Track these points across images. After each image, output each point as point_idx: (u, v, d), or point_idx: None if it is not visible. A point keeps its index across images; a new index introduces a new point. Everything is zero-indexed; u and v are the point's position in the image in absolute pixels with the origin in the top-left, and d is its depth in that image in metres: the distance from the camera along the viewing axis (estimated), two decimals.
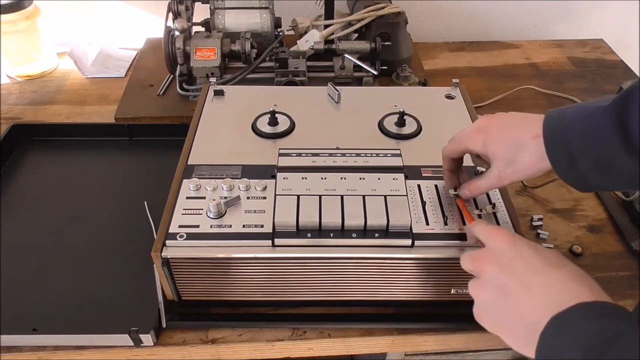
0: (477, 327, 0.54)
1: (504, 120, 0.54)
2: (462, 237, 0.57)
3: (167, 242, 0.57)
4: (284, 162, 0.64)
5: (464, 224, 0.58)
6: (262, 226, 0.58)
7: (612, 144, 0.45)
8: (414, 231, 0.57)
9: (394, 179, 0.62)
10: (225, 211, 0.59)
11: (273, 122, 0.72)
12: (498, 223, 0.59)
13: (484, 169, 0.59)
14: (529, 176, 0.54)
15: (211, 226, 0.58)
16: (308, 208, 0.58)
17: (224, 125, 0.73)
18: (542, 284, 0.42)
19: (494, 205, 0.60)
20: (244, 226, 0.58)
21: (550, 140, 0.49)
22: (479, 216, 0.59)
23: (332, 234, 0.57)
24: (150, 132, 0.89)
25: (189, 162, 0.66)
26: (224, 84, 0.87)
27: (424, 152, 0.69)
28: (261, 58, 0.94)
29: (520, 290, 0.43)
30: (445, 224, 0.59)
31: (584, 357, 0.37)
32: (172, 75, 1.01)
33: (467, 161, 0.61)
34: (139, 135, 0.90)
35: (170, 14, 0.99)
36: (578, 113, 0.48)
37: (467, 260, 0.49)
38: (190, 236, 0.57)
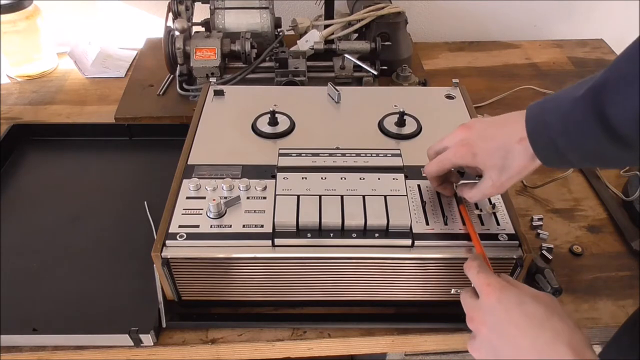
0: None
1: (484, 129, 0.53)
2: (462, 237, 0.57)
3: (167, 242, 0.57)
4: (284, 162, 0.64)
5: (464, 223, 0.58)
6: (262, 226, 0.58)
7: (595, 137, 0.45)
8: (414, 231, 0.57)
9: (394, 179, 0.62)
10: (225, 211, 0.59)
11: (273, 122, 0.72)
12: (498, 223, 0.59)
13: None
14: (525, 176, 0.54)
15: (211, 226, 0.58)
16: (308, 208, 0.58)
17: (224, 125, 0.73)
18: (530, 347, 0.43)
19: (494, 206, 0.60)
20: (244, 226, 0.58)
21: (535, 143, 0.49)
22: (479, 217, 0.59)
23: (332, 234, 0.57)
24: (150, 132, 0.89)
25: (189, 162, 0.66)
26: (224, 84, 0.87)
27: (424, 152, 0.68)
28: (261, 58, 0.94)
29: (511, 352, 0.44)
30: (445, 224, 0.59)
31: None
32: (172, 75, 1.01)
33: None
34: (139, 135, 0.90)
35: (170, 14, 0.99)
36: (555, 111, 0.47)
37: (467, 319, 0.49)
38: (190, 236, 0.57)
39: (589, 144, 0.46)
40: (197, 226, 0.58)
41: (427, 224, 0.59)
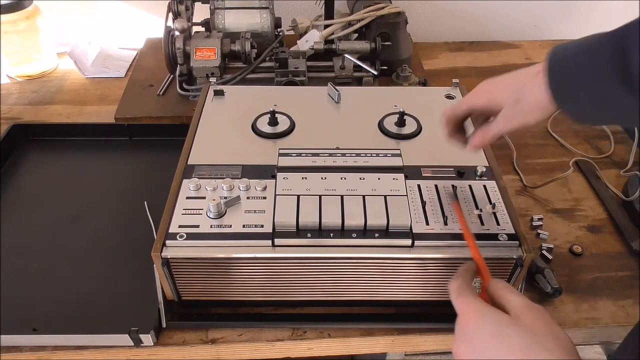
0: None
1: (506, 75, 0.54)
2: (462, 237, 0.57)
3: (167, 242, 0.57)
4: (284, 162, 0.64)
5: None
6: (262, 226, 0.58)
7: (612, 79, 0.44)
8: (414, 231, 0.57)
9: (394, 179, 0.62)
10: (225, 211, 0.59)
11: (273, 122, 0.72)
12: (498, 223, 0.59)
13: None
14: (536, 117, 0.51)
15: (211, 226, 0.58)
16: (308, 208, 0.58)
17: (224, 125, 0.73)
18: None
19: (494, 206, 0.60)
20: (244, 226, 0.58)
21: (551, 73, 0.48)
22: (479, 217, 0.59)
23: (332, 234, 0.57)
24: (150, 132, 0.89)
25: (189, 162, 0.66)
26: (224, 84, 0.87)
27: (424, 152, 0.69)
28: (261, 58, 0.94)
29: None
30: (445, 224, 0.59)
31: None
32: (172, 75, 1.01)
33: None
34: (139, 135, 0.90)
35: (170, 14, 0.99)
36: (577, 47, 0.48)
37: (454, 344, 0.46)
38: (190, 236, 0.57)
39: (603, 84, 0.45)
40: (197, 226, 0.58)
41: (427, 224, 0.59)
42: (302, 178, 0.62)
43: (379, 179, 0.62)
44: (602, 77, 0.45)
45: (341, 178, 0.62)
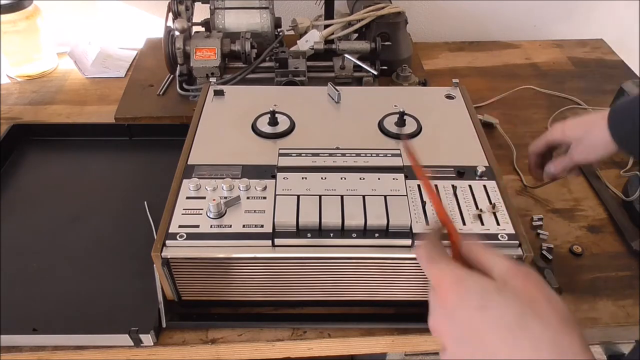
0: None
1: (578, 117, 0.65)
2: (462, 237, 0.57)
3: (167, 242, 0.57)
4: (284, 162, 0.64)
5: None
6: (262, 226, 0.58)
7: None
8: (414, 231, 0.57)
9: (394, 179, 0.62)
10: (225, 211, 0.59)
11: (273, 122, 0.72)
12: (498, 223, 0.59)
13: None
14: (598, 154, 0.62)
15: (211, 226, 0.58)
16: (308, 208, 0.58)
17: (224, 125, 0.73)
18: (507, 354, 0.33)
19: (494, 205, 0.60)
20: (244, 226, 0.58)
21: (612, 117, 0.59)
22: (479, 216, 0.59)
23: (332, 234, 0.57)
24: (150, 132, 0.89)
25: (189, 162, 0.66)
26: (224, 84, 0.87)
27: (424, 152, 0.68)
28: (261, 58, 0.94)
29: None
30: None
31: None
32: (172, 75, 1.01)
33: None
34: (139, 135, 0.90)
35: (170, 14, 0.99)
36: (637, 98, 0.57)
37: (429, 323, 0.40)
38: (190, 236, 0.57)
39: None
40: (197, 226, 0.58)
41: (427, 224, 0.58)
42: (302, 178, 0.62)
43: (379, 179, 0.62)
44: None
45: (341, 178, 0.62)
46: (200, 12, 1.07)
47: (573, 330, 0.33)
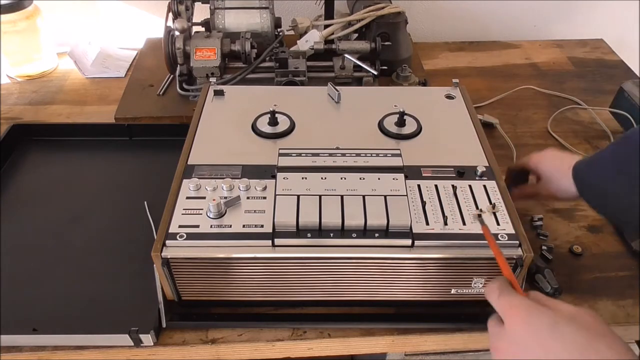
0: (477, 327, 0.53)
1: (553, 154, 0.70)
2: (462, 237, 0.57)
3: (167, 242, 0.57)
4: (284, 162, 0.64)
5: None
6: (262, 226, 0.58)
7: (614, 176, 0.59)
8: (414, 231, 0.57)
9: (394, 179, 0.62)
10: (225, 211, 0.59)
11: (273, 122, 0.72)
12: (498, 223, 0.59)
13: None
14: (564, 198, 0.67)
15: (211, 226, 0.58)
16: (308, 208, 0.58)
17: (224, 125, 0.73)
18: None
19: (494, 205, 0.60)
20: (244, 226, 0.58)
21: (579, 183, 0.63)
22: (479, 216, 0.59)
23: (332, 234, 0.57)
24: (150, 132, 0.89)
25: (189, 162, 0.66)
26: (224, 84, 0.87)
27: (424, 152, 0.69)
28: (261, 58, 0.94)
29: None
30: (445, 224, 0.58)
31: None
32: (172, 75, 1.01)
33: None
34: (139, 135, 0.90)
35: (170, 14, 0.99)
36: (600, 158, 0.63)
37: (490, 349, 0.45)
38: (190, 236, 0.57)
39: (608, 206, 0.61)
40: (197, 226, 0.58)
41: (427, 224, 0.58)
42: (302, 178, 0.62)
43: (379, 179, 0.62)
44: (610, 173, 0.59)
45: (341, 178, 0.62)
46: (200, 12, 1.07)
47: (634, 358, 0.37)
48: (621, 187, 0.58)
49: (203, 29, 1.02)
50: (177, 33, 0.94)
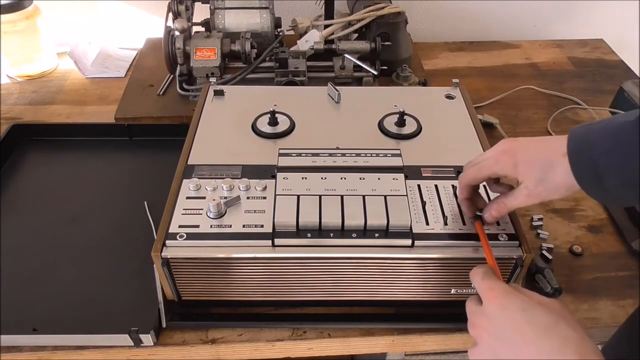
0: None
1: (529, 142, 0.53)
2: (462, 237, 0.57)
3: (167, 242, 0.57)
4: (284, 162, 0.64)
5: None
6: (262, 226, 0.58)
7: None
8: (414, 231, 0.57)
9: (394, 179, 0.62)
10: (225, 211, 0.59)
11: (273, 122, 0.72)
12: (498, 223, 0.59)
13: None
14: (560, 195, 0.51)
15: (211, 226, 0.58)
16: (308, 208, 0.58)
17: (224, 125, 0.73)
18: (534, 355, 0.41)
19: None
20: (244, 226, 0.58)
21: (575, 159, 0.47)
22: (479, 217, 0.59)
23: (332, 234, 0.57)
24: (150, 132, 0.89)
25: (189, 162, 0.66)
26: (224, 84, 0.87)
27: (424, 152, 0.69)
28: (261, 58, 0.94)
29: None
30: (445, 224, 0.59)
31: None
32: (172, 75, 1.01)
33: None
34: (139, 135, 0.90)
35: (170, 14, 0.99)
36: (603, 131, 0.47)
37: (468, 325, 0.48)
38: (190, 236, 0.57)
39: (632, 167, 0.44)
40: (197, 226, 0.58)
41: (427, 224, 0.59)
42: (302, 178, 0.62)
43: (379, 179, 0.62)
44: (631, 158, 0.44)
45: (341, 178, 0.62)
46: (200, 12, 1.07)
47: (593, 344, 0.41)
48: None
49: (203, 29, 1.02)
50: (177, 33, 0.94)
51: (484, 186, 0.62)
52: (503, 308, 0.44)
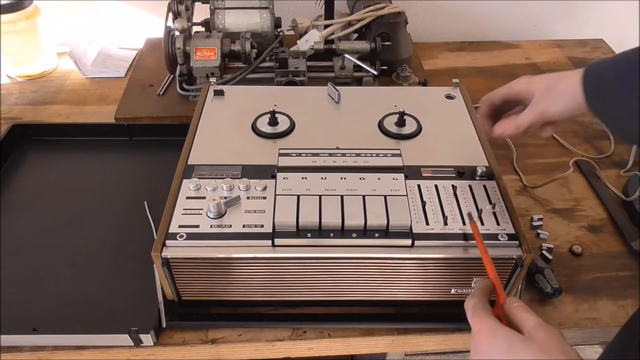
0: None
1: (547, 75, 0.59)
2: (462, 237, 0.57)
3: (167, 242, 0.57)
4: (284, 162, 0.64)
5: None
6: (262, 226, 0.58)
7: None
8: (414, 231, 0.57)
9: (394, 179, 0.62)
10: (225, 211, 0.59)
11: (273, 122, 0.72)
12: (498, 223, 0.59)
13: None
14: (560, 107, 0.55)
15: (211, 226, 0.58)
16: (308, 208, 0.58)
17: (224, 125, 0.73)
18: None
19: (494, 205, 0.60)
20: (244, 226, 0.58)
21: (587, 75, 0.53)
22: (479, 217, 0.59)
23: (332, 234, 0.57)
24: (150, 132, 0.89)
25: (189, 162, 0.66)
26: (224, 84, 0.87)
27: (424, 152, 0.69)
28: (261, 58, 0.94)
29: None
30: (445, 224, 0.58)
31: None
32: (172, 75, 1.01)
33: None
34: (139, 135, 0.90)
35: (170, 14, 0.99)
36: (617, 57, 0.52)
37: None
38: (190, 236, 0.57)
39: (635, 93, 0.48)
40: (197, 226, 0.58)
41: (427, 224, 0.58)
42: (302, 178, 0.62)
43: (379, 179, 0.62)
44: (634, 85, 0.48)
45: (341, 178, 0.62)
46: (200, 12, 1.07)
47: None
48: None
49: (203, 29, 1.02)
50: (177, 33, 0.94)
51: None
52: (490, 349, 0.45)
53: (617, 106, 0.51)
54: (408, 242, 0.57)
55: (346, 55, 0.97)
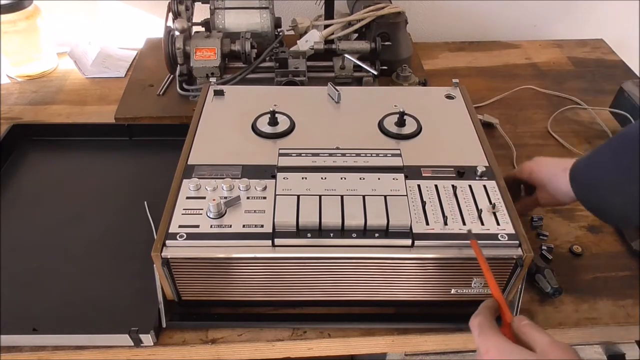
0: None
1: (546, 159, 0.70)
2: (462, 237, 0.57)
3: (167, 242, 0.57)
4: (284, 162, 0.64)
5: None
6: (262, 226, 0.58)
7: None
8: (414, 231, 0.57)
9: (394, 179, 0.62)
10: (225, 211, 0.59)
11: (273, 122, 0.72)
12: (498, 223, 0.59)
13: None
14: (563, 201, 0.66)
15: (211, 226, 0.58)
16: (308, 208, 0.58)
17: (224, 125, 0.73)
18: None
19: (494, 205, 0.60)
20: (244, 226, 0.58)
21: (574, 179, 0.62)
22: (479, 217, 0.59)
23: (332, 234, 0.57)
24: (150, 132, 0.89)
25: (189, 162, 0.66)
26: (224, 84, 0.87)
27: (424, 152, 0.69)
28: (261, 58, 0.94)
29: None
30: (445, 224, 0.58)
31: None
32: (172, 75, 1.01)
33: None
34: (139, 135, 0.90)
35: (170, 14, 0.99)
36: (601, 157, 0.60)
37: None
38: (190, 236, 0.57)
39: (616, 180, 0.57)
40: (197, 226, 0.58)
41: (427, 224, 0.58)
42: (302, 178, 0.62)
43: (379, 179, 0.62)
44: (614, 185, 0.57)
45: (341, 178, 0.62)
46: (200, 12, 1.07)
47: None
48: (620, 183, 0.56)
49: (203, 29, 1.02)
50: (177, 33, 0.94)
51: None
52: None
53: (607, 205, 0.59)
54: (408, 242, 0.57)
55: (346, 55, 0.97)
